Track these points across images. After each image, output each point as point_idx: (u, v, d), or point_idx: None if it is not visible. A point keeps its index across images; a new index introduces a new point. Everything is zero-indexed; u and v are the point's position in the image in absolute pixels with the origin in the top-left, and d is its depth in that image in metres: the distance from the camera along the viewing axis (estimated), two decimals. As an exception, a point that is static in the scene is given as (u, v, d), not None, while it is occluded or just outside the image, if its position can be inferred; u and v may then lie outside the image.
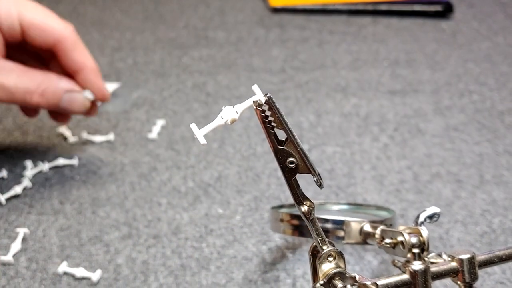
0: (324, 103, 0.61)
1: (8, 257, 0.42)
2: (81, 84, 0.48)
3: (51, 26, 0.46)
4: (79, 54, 0.47)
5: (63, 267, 0.41)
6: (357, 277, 0.30)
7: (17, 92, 0.44)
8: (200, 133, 0.27)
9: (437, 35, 0.75)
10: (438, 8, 0.79)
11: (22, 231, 0.44)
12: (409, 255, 0.31)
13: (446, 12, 0.79)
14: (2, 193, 0.48)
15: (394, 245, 0.33)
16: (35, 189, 0.49)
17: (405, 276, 0.31)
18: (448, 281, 0.35)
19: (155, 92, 0.62)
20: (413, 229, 0.32)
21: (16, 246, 0.43)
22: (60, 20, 0.47)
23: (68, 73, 0.48)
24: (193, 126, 0.27)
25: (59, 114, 0.50)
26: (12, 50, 0.46)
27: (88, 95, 0.48)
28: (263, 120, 0.28)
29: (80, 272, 0.41)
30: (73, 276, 0.41)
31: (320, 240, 0.30)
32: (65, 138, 0.55)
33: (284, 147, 0.29)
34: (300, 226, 0.38)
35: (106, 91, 0.49)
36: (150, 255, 0.42)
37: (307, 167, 0.29)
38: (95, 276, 0.40)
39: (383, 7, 0.79)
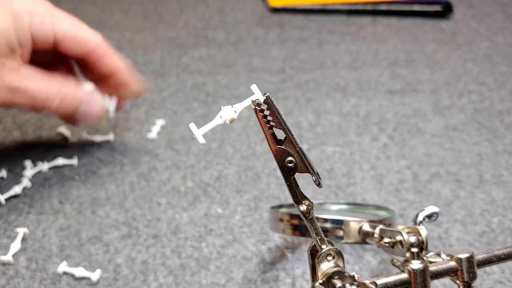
0: (323, 103, 0.61)
1: (8, 257, 0.42)
2: (116, 86, 0.50)
3: (83, 36, 0.47)
4: (111, 59, 0.49)
5: (63, 267, 0.41)
6: (356, 276, 0.30)
7: (39, 97, 0.45)
8: (199, 133, 0.27)
9: (437, 35, 0.75)
10: (437, 8, 0.79)
11: (21, 231, 0.44)
12: (408, 255, 0.31)
13: (446, 12, 0.79)
14: (2, 193, 0.48)
15: (393, 245, 0.33)
16: (35, 189, 0.49)
17: (404, 275, 0.31)
18: (447, 280, 0.35)
19: (155, 92, 0.62)
20: (412, 229, 0.32)
21: (15, 246, 0.43)
22: (90, 29, 0.48)
23: (101, 77, 0.49)
24: (192, 125, 0.27)
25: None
26: (40, 53, 0.47)
27: (110, 106, 0.50)
28: (262, 119, 0.28)
29: (79, 271, 0.41)
30: (72, 276, 0.41)
31: (319, 239, 0.30)
32: (64, 138, 0.55)
33: (283, 147, 0.29)
34: (300, 225, 0.38)
35: (141, 86, 0.51)
36: (149, 255, 0.42)
37: (306, 167, 0.29)
38: (95, 276, 0.40)
39: (383, 7, 0.79)
